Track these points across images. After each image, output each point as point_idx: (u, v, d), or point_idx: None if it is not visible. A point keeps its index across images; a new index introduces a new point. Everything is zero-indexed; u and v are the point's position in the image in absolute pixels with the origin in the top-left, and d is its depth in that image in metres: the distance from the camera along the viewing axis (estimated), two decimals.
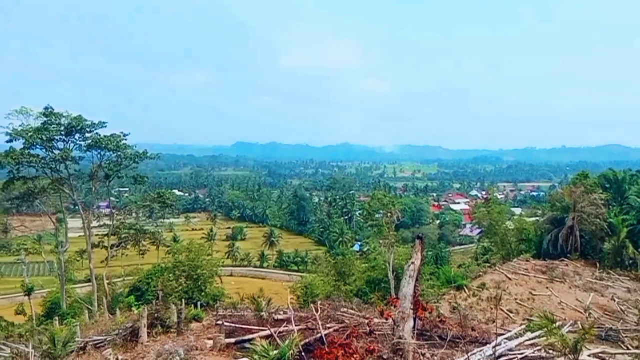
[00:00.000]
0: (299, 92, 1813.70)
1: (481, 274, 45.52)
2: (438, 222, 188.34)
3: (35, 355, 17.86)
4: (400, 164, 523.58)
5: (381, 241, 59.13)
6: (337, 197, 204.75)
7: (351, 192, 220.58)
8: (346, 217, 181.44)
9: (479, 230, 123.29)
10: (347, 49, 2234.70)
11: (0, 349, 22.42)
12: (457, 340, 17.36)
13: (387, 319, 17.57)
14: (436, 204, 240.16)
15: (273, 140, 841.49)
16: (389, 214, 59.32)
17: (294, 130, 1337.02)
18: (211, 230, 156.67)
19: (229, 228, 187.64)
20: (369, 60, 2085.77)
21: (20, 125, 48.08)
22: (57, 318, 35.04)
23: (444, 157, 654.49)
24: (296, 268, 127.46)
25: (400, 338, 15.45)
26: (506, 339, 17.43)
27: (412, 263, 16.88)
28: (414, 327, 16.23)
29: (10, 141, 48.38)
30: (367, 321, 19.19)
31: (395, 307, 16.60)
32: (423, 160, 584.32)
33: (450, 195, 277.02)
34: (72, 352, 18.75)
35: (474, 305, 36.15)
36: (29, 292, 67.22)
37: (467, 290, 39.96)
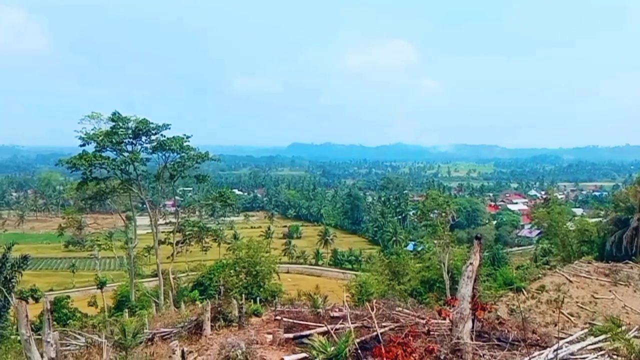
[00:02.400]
0: (352, 93, 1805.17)
1: (540, 276, 44.42)
2: (495, 222, 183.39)
3: (107, 345, 18.53)
4: (454, 163, 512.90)
5: (435, 241, 58.60)
6: (391, 196, 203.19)
7: (404, 192, 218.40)
8: (399, 217, 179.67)
9: (537, 231, 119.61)
10: (401, 48, 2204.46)
11: (75, 338, 23.41)
12: (517, 343, 17.21)
13: (444, 319, 17.65)
14: (492, 204, 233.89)
15: (327, 141, 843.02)
16: (444, 214, 58.75)
17: (348, 130, 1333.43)
18: (268, 228, 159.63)
19: (285, 226, 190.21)
20: (423, 59, 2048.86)
21: (92, 129, 51.01)
22: (126, 310, 37.20)
23: (500, 156, 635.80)
24: (350, 266, 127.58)
25: (458, 339, 15.46)
26: (568, 342, 16.96)
27: (470, 264, 16.71)
28: (472, 328, 16.09)
29: (83, 145, 51.36)
30: (424, 321, 19.37)
31: (453, 307, 16.67)
32: (478, 159, 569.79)
33: (507, 195, 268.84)
34: (141, 342, 19.42)
35: (533, 308, 35.45)
36: (101, 285, 70.95)
37: (525, 293, 39.19)
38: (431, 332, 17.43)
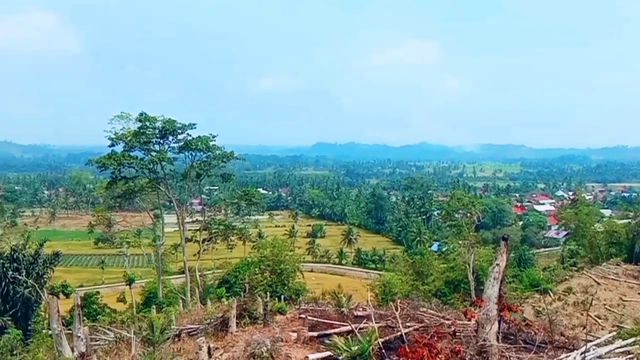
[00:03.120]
0: (377, 93, 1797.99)
1: (567, 277, 43.81)
2: (521, 223, 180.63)
3: (135, 340, 18.88)
4: (480, 163, 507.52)
5: (460, 241, 58.14)
6: (415, 196, 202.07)
7: (429, 192, 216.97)
8: (424, 217, 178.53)
9: (565, 232, 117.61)
10: (426, 47, 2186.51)
11: (104, 333, 23.89)
12: (543, 345, 17.03)
13: (470, 320, 17.55)
14: (519, 204, 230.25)
15: (351, 141, 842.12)
16: (469, 214, 58.29)
17: (372, 130, 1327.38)
18: (293, 227, 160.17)
19: (309, 225, 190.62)
20: (448, 58, 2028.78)
21: (121, 129, 52.03)
22: (154, 306, 37.85)
23: (527, 156, 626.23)
24: (374, 266, 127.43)
25: (484, 340, 15.38)
26: (595, 345, 16.72)
27: (497, 264, 16.54)
28: (498, 330, 16.10)
29: (112, 145, 52.45)
30: (449, 322, 19.31)
31: (479, 308, 16.57)
32: (505, 159, 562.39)
33: (534, 195, 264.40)
34: (168, 338, 19.72)
35: (559, 310, 35.01)
36: (130, 281, 72.28)
37: (551, 294, 38.71)
38: (457, 333, 17.35)
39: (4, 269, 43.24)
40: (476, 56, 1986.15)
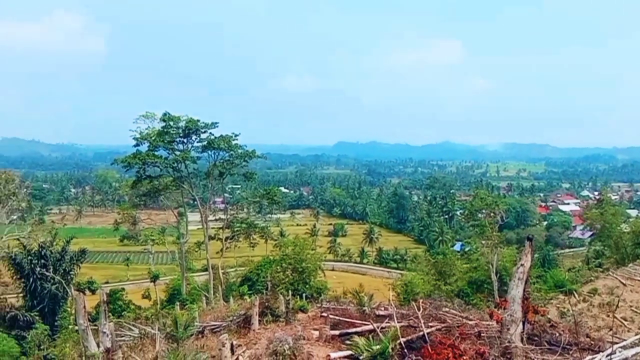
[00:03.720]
0: (399, 92, 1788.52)
1: (592, 278, 43.06)
2: (545, 223, 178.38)
3: (160, 337, 18.94)
4: (503, 162, 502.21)
5: (483, 241, 57.63)
6: (437, 195, 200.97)
7: (451, 191, 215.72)
8: (446, 216, 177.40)
9: (590, 233, 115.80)
10: (449, 46, 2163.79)
11: (129, 329, 24.24)
12: (568, 347, 16.82)
13: (496, 322, 17.41)
14: (543, 204, 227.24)
15: (373, 140, 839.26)
16: (492, 214, 57.71)
17: (394, 129, 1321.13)
18: (314, 226, 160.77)
19: (330, 224, 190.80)
20: (471, 57, 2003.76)
21: (146, 128, 52.83)
22: (178, 303, 38.33)
23: (552, 155, 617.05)
24: (395, 265, 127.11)
25: (509, 341, 15.26)
26: (621, 347, 16.45)
27: (521, 265, 16.41)
28: (523, 331, 15.97)
29: (137, 145, 53.29)
30: (471, 322, 19.17)
31: (503, 309, 16.44)
32: (529, 158, 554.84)
33: (558, 195, 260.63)
34: (192, 335, 19.86)
35: (584, 312, 34.43)
36: (154, 278, 73.40)
37: (576, 295, 38.08)
38: (481, 334, 17.21)
39: (32, 266, 44.13)
40: (500, 54, 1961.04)
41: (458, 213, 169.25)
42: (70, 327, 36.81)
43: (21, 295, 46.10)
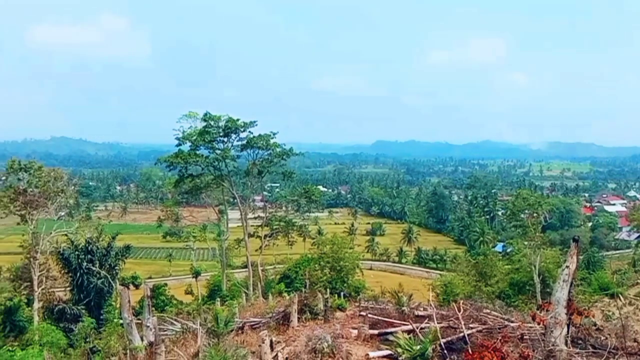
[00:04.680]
0: (438, 90, 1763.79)
1: (639, 281, 41.66)
2: (590, 224, 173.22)
3: (201, 332, 19.21)
4: (547, 162, 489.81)
5: (526, 242, 56.49)
6: (478, 195, 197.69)
7: (493, 191, 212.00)
8: (487, 216, 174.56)
9: (637, 234, 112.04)
10: (490, 43, 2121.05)
11: (172, 324, 24.81)
12: (614, 351, 16.38)
13: (539, 324, 17.09)
14: (588, 205, 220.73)
15: (412, 138, 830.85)
16: (535, 214, 56.45)
17: (433, 128, 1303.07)
18: (352, 225, 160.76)
19: (368, 223, 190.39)
20: (514, 53, 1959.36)
21: (188, 127, 53.93)
22: (218, 299, 38.91)
23: (597, 154, 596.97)
24: (434, 266, 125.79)
25: (553, 345, 15.00)
26: None
27: (567, 267, 16.08)
28: (567, 334, 15.68)
29: (179, 144, 54.50)
30: (514, 324, 18.82)
31: (547, 311, 16.13)
32: (573, 157, 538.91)
33: (604, 195, 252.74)
34: (232, 330, 20.06)
35: (631, 315, 33.35)
36: (196, 274, 74.92)
37: (622, 299, 36.92)
38: (524, 337, 16.89)
39: (79, 260, 45.62)
40: (544, 51, 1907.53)
41: (500, 213, 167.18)
42: (115, 320, 37.71)
43: (69, 289, 47.64)
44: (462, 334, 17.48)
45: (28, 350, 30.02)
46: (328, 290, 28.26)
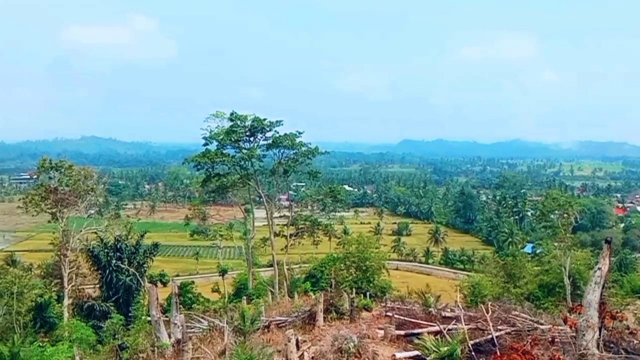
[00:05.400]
0: (466, 88, 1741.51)
1: None
2: (622, 225, 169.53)
3: (228, 330, 19.55)
4: (578, 161, 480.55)
5: (556, 243, 55.43)
6: (507, 195, 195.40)
7: (522, 191, 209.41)
8: (516, 217, 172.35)
9: None
10: (520, 40, 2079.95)
11: (199, 322, 25.05)
12: None
13: (571, 327, 16.78)
14: (620, 205, 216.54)
15: (439, 137, 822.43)
16: (565, 215, 55.28)
17: (461, 126, 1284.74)
18: (378, 225, 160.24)
19: (394, 223, 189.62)
20: (543, 51, 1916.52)
21: (215, 127, 54.41)
22: (244, 297, 39.22)
23: (630, 154, 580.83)
24: (462, 266, 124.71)
25: (585, 348, 14.79)
26: None
27: (599, 269, 15.82)
28: (599, 338, 15.40)
29: (206, 144, 55.05)
30: (543, 327, 18.53)
31: (579, 314, 15.83)
32: (605, 157, 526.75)
33: (637, 196, 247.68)
34: (258, 329, 20.35)
35: None
36: (223, 272, 75.54)
37: None
38: (555, 340, 16.60)
39: (109, 258, 46.33)
40: (575, 48, 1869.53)
41: (529, 214, 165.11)
42: (143, 317, 38.24)
43: (98, 286, 48.38)
44: (490, 336, 17.34)
45: (58, 346, 30.61)
46: (354, 290, 28.15)
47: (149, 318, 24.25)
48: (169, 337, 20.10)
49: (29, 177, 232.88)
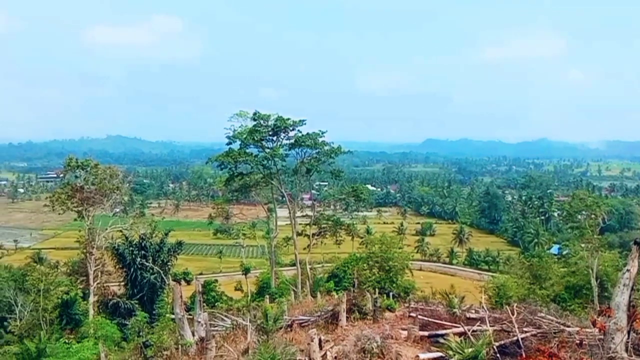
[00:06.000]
0: (491, 87, 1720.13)
1: None
2: None
3: (251, 328, 19.57)
4: (606, 161, 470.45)
5: (583, 245, 54.48)
6: (533, 195, 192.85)
7: (549, 191, 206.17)
8: (542, 217, 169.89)
9: None
10: (545, 37, 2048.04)
11: (222, 320, 25.20)
12: None
13: (599, 330, 16.46)
14: None
15: (464, 137, 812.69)
16: (593, 216, 54.26)
17: (486, 126, 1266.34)
18: (401, 225, 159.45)
19: (418, 223, 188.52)
20: (570, 48, 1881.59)
21: (239, 126, 54.85)
22: (267, 296, 39.29)
23: None
24: (486, 267, 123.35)
25: (613, 351, 14.51)
26: None
27: (627, 270, 15.51)
28: (628, 341, 15.10)
29: (230, 143, 55.49)
30: (569, 329, 18.20)
31: (607, 317, 15.53)
32: (634, 157, 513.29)
33: None
34: (281, 328, 20.36)
35: None
36: (245, 271, 76.09)
37: None
38: (583, 343, 16.30)
39: (133, 256, 46.87)
40: (602, 45, 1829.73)
41: (555, 214, 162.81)
42: (167, 315, 38.65)
43: (122, 284, 48.92)
44: (515, 338, 17.14)
45: (84, 343, 31.20)
46: (377, 290, 28.04)
47: (172, 316, 24.49)
48: (193, 335, 20.26)
49: (55, 175, 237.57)
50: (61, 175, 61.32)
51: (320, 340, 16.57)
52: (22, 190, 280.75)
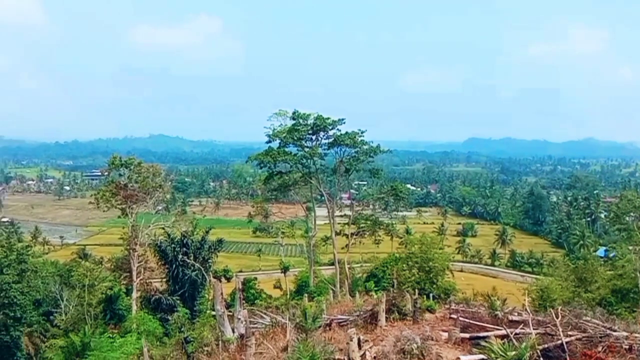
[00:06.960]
0: (537, 85, 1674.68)
1: None
2: None
3: (290, 326, 19.48)
4: None
5: (630, 247, 52.69)
6: (579, 196, 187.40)
7: (595, 192, 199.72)
8: (588, 219, 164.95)
9: None
10: (595, 34, 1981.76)
11: (261, 317, 25.41)
12: None
13: None
14: None
15: (507, 136, 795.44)
16: None
17: (531, 124, 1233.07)
18: (442, 225, 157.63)
19: (459, 223, 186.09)
20: (619, 46, 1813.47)
21: (279, 125, 55.31)
22: (306, 295, 39.45)
23: None
24: (530, 269, 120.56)
25: None
26: None
27: None
28: None
29: (269, 142, 55.98)
30: (616, 333, 17.60)
31: None
32: None
33: None
34: (320, 327, 20.05)
35: None
36: (284, 269, 76.81)
37: None
38: (633, 348, 15.74)
39: (175, 253, 47.81)
40: None
41: (602, 216, 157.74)
42: (207, 312, 39.23)
43: (165, 280, 49.98)
44: (560, 342, 16.68)
45: (127, 337, 32.01)
46: (416, 290, 27.72)
47: (213, 312, 24.83)
48: (233, 331, 20.50)
49: (100, 173, 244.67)
50: (105, 173, 63.13)
51: (359, 340, 16.50)
52: (67, 188, 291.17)
